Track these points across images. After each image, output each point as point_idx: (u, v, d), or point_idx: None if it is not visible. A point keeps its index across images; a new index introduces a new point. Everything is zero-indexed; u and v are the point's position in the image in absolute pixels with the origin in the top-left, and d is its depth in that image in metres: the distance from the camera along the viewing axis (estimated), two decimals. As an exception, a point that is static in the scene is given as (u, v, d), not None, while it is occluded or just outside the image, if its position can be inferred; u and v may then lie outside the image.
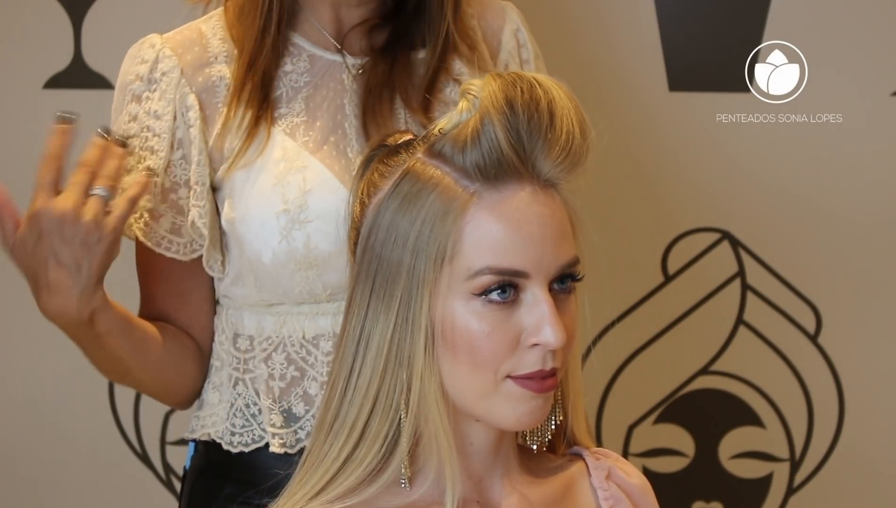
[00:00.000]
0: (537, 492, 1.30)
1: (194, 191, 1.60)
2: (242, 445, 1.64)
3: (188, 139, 1.61)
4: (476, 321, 1.20)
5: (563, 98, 1.22)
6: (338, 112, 1.62)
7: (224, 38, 1.64)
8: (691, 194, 2.25)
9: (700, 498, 2.32)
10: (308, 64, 1.64)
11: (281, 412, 1.62)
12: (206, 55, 1.63)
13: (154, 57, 1.63)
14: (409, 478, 1.25)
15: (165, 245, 1.61)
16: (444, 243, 1.21)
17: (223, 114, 1.61)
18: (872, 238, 2.25)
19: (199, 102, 1.61)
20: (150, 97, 1.62)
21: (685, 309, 2.28)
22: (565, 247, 1.23)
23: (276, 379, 1.62)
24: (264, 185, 1.58)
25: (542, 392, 1.22)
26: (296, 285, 1.59)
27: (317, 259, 1.57)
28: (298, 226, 1.56)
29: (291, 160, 1.58)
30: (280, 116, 1.61)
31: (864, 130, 2.22)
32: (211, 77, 1.62)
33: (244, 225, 1.59)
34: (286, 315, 1.62)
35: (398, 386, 1.23)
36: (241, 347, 1.64)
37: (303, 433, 1.62)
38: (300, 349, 1.62)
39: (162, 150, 1.61)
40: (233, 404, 1.65)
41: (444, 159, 1.23)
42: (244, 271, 1.61)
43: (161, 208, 1.61)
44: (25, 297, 2.30)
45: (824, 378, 2.29)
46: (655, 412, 2.30)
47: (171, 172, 1.61)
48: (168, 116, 1.61)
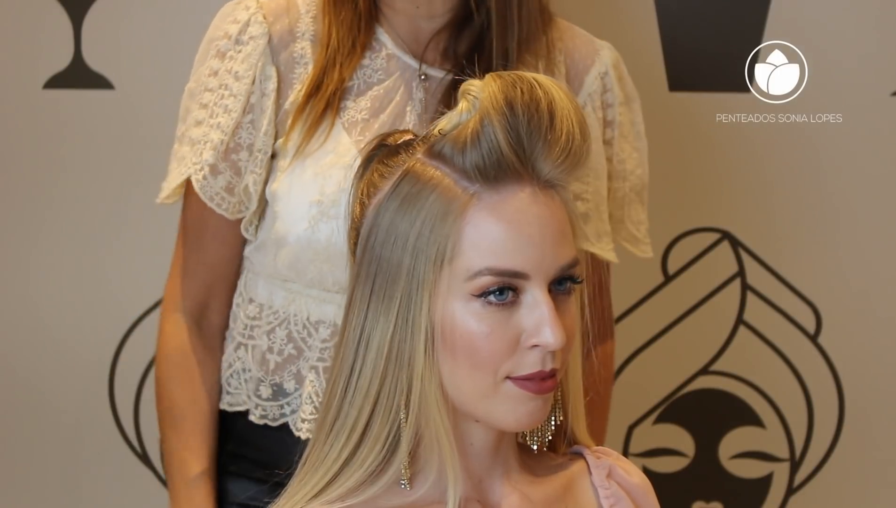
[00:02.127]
0: (538, 491, 1.30)
1: (255, 157, 1.65)
2: (227, 405, 1.71)
3: (260, 107, 1.65)
4: (476, 322, 1.20)
5: (563, 99, 1.22)
6: (398, 118, 1.64)
7: (316, 17, 1.66)
8: (691, 194, 2.25)
9: (700, 498, 2.32)
10: (385, 62, 1.66)
11: (272, 384, 1.68)
12: (295, 29, 1.66)
13: (246, 19, 1.66)
14: (410, 479, 1.25)
15: (217, 201, 1.66)
16: (443, 244, 1.21)
17: (296, 91, 1.64)
18: (872, 238, 2.25)
19: (279, 73, 1.65)
20: (235, 57, 1.65)
21: (685, 309, 2.28)
22: (565, 248, 1.22)
23: (274, 353, 1.67)
24: (308, 171, 1.62)
25: (542, 393, 1.22)
26: (309, 272, 1.63)
27: (334, 255, 1.60)
28: (327, 219, 1.60)
29: (340, 155, 1.61)
30: (345, 107, 1.64)
31: (864, 130, 2.21)
32: (294, 52, 1.66)
33: (281, 202, 1.63)
34: (296, 294, 1.66)
35: (398, 387, 1.23)
36: (250, 313, 1.69)
37: (288, 409, 1.67)
38: (302, 329, 1.67)
39: (235, 110, 1.65)
40: (231, 365, 1.71)
41: (444, 160, 1.23)
42: (269, 241, 1.65)
43: (221, 166, 1.65)
44: (25, 297, 2.31)
45: (824, 378, 2.29)
46: (655, 412, 2.30)
47: (238, 133, 1.65)
48: (247, 80, 1.65)
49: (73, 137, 2.21)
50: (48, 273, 2.24)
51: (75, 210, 2.22)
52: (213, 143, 1.65)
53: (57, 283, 2.24)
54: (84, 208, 2.22)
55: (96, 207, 2.22)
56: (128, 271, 2.22)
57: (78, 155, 2.22)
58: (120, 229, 2.21)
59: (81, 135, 2.21)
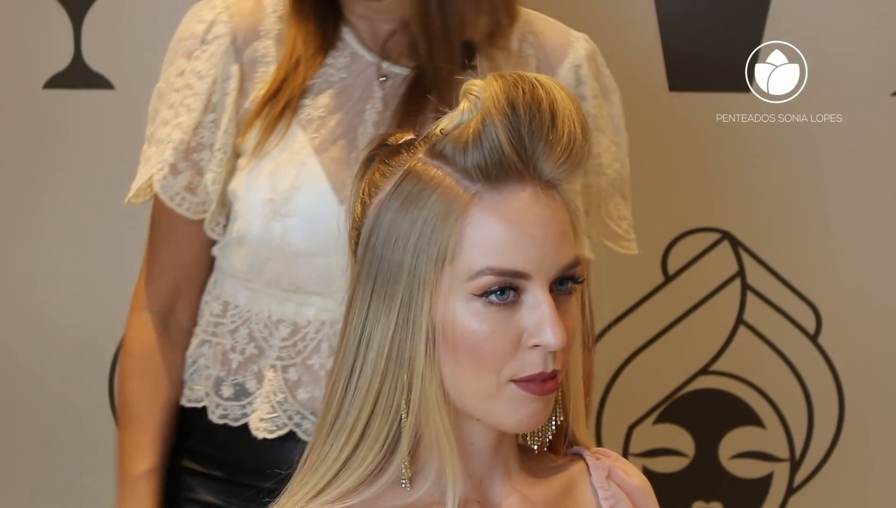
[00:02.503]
0: (538, 492, 1.30)
1: (216, 156, 1.65)
2: (188, 401, 1.72)
3: (222, 106, 1.66)
4: (477, 322, 1.20)
5: (565, 99, 1.22)
6: (356, 116, 1.64)
7: (282, 17, 1.67)
8: (691, 194, 2.25)
9: (700, 498, 2.32)
10: (348, 61, 1.66)
11: (233, 384, 1.68)
12: (259, 28, 1.67)
13: (211, 19, 1.67)
14: (410, 479, 1.25)
15: (178, 201, 1.66)
16: (444, 244, 1.21)
17: (258, 90, 1.65)
18: (872, 238, 2.25)
19: (241, 72, 1.66)
20: (199, 56, 1.67)
21: (685, 309, 2.28)
22: (566, 248, 1.22)
23: (236, 352, 1.68)
24: (264, 170, 1.62)
25: (544, 395, 1.22)
26: (266, 272, 1.64)
27: (288, 254, 1.61)
28: (279, 218, 1.60)
29: (294, 152, 1.62)
30: (303, 105, 1.64)
31: (864, 130, 2.22)
32: (258, 51, 1.66)
33: (239, 201, 1.64)
34: (258, 293, 1.67)
35: (399, 387, 1.23)
36: (215, 311, 1.70)
37: (250, 408, 1.67)
38: (263, 328, 1.67)
39: (196, 109, 1.65)
40: (195, 361, 1.71)
41: (446, 160, 1.23)
42: (231, 241, 1.66)
43: (182, 165, 1.66)
44: (25, 296, 2.30)
45: (824, 378, 2.29)
46: (655, 412, 2.30)
47: (200, 132, 1.66)
48: (209, 79, 1.66)
49: (73, 137, 2.21)
50: (48, 273, 2.24)
51: (75, 210, 2.22)
52: (174, 142, 1.66)
53: (57, 282, 2.24)
54: (84, 207, 2.22)
55: (96, 206, 2.22)
56: (127, 270, 2.22)
57: (78, 155, 2.22)
58: (120, 228, 2.21)
59: (81, 135, 2.21)
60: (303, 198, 1.61)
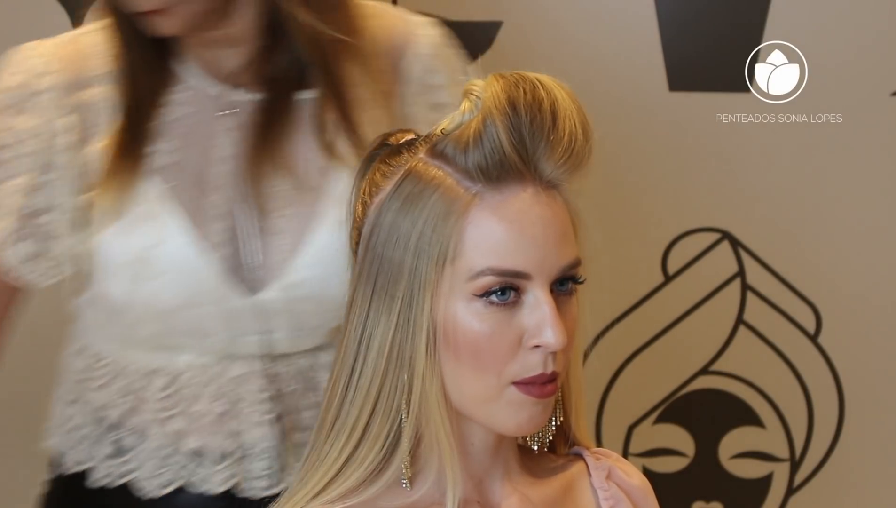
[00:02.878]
0: (538, 492, 1.30)
1: (64, 217, 1.51)
2: (65, 469, 1.61)
3: (62, 163, 1.50)
4: (478, 323, 1.20)
5: (566, 99, 1.22)
6: (209, 151, 1.52)
7: (109, 57, 1.51)
8: (691, 194, 2.25)
9: (700, 498, 2.32)
10: (192, 95, 1.53)
11: (111, 442, 1.57)
12: (87, 75, 1.52)
13: (41, 69, 1.51)
14: (410, 479, 1.25)
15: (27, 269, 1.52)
16: (445, 244, 1.21)
17: (101, 141, 1.50)
18: (872, 238, 2.25)
19: (78, 122, 1.50)
20: (25, 110, 1.50)
21: (685, 309, 2.28)
22: (567, 248, 1.22)
23: (110, 408, 1.57)
24: (119, 229, 1.49)
25: (543, 398, 1.22)
26: (134, 333, 1.54)
27: (157, 313, 1.51)
28: (142, 282, 1.49)
29: (149, 205, 1.49)
30: (154, 152, 1.50)
31: (864, 130, 2.22)
32: (93, 97, 1.51)
33: (96, 264, 1.51)
34: (127, 344, 1.56)
35: (399, 387, 1.23)
36: (79, 366, 1.60)
37: (129, 466, 1.57)
38: (139, 380, 1.56)
39: (33, 170, 1.50)
40: (71, 418, 1.60)
41: (446, 160, 1.23)
42: (94, 299, 1.54)
43: (23, 233, 1.51)
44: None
45: (824, 378, 2.29)
46: (655, 412, 2.30)
47: (39, 194, 1.50)
48: (44, 136, 1.50)
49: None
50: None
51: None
52: (9, 208, 1.50)
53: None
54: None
55: (96, 206, 2.22)
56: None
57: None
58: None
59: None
60: (165, 255, 1.48)
